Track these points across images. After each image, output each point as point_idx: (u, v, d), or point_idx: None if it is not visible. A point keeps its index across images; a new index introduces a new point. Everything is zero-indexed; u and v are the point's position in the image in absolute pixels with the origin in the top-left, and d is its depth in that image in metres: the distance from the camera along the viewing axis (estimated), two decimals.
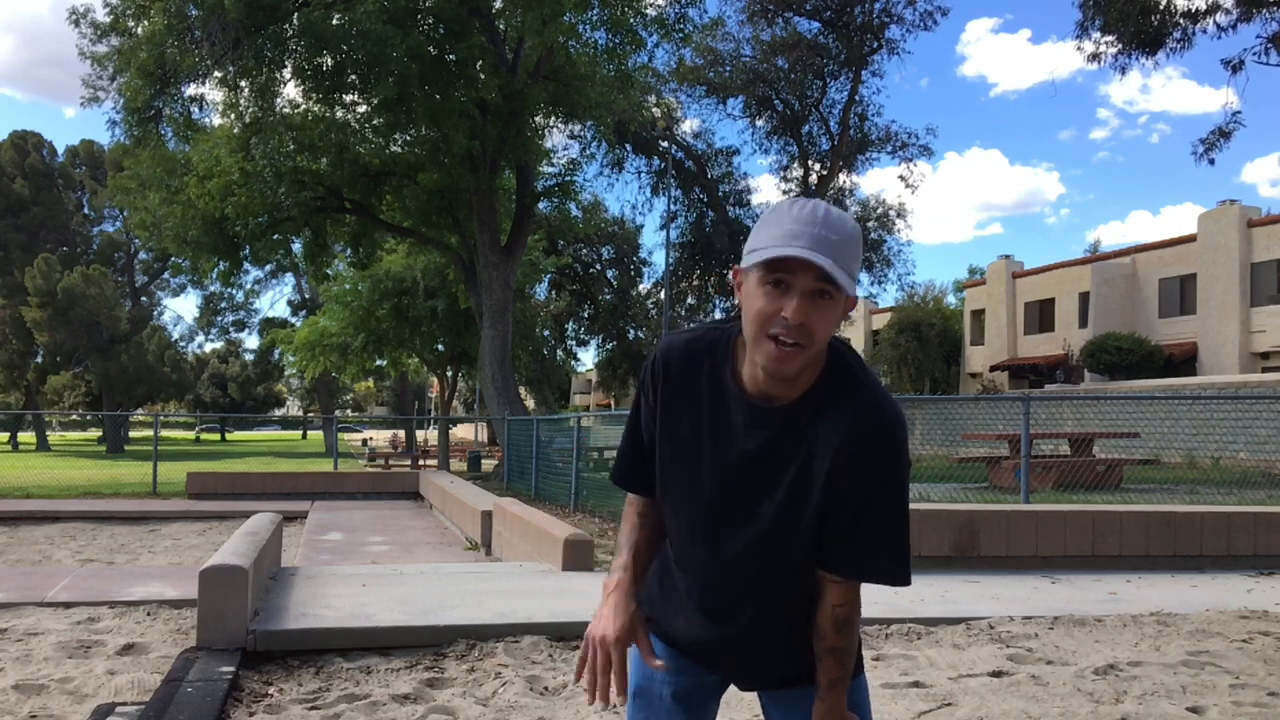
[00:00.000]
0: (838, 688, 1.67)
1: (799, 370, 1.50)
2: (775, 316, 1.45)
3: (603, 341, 43.79)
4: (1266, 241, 30.45)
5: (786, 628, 1.68)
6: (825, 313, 1.46)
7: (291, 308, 54.72)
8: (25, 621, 5.62)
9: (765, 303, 1.46)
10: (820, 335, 1.47)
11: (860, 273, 1.51)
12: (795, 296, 1.44)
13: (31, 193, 50.65)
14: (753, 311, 1.48)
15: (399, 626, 5.14)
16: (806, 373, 1.54)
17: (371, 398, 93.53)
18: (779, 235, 1.45)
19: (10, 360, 50.11)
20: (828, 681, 1.67)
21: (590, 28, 18.97)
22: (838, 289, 1.45)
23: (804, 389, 1.56)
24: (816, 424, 1.55)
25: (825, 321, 1.47)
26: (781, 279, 1.45)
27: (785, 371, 1.48)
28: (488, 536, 10.16)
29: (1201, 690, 4.24)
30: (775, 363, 1.47)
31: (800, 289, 1.44)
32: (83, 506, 14.26)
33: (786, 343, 1.45)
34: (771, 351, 1.47)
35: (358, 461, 30.87)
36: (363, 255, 24.16)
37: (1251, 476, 12.45)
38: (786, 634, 1.69)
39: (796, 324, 1.44)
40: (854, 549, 1.57)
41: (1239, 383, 22.56)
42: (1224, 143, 18.90)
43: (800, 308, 1.44)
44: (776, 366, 1.48)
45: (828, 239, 1.44)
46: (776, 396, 1.56)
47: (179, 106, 19.03)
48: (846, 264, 1.45)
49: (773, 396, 1.56)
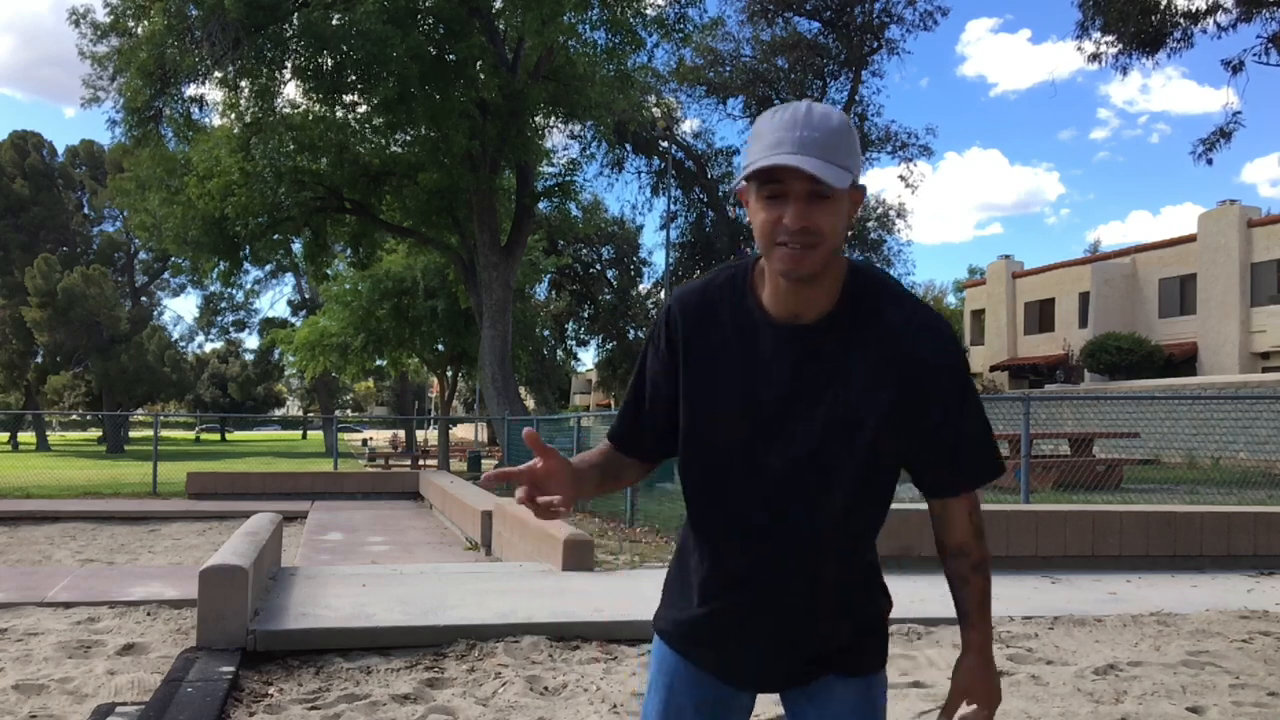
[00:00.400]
0: (987, 609, 1.63)
1: (816, 269, 1.48)
2: (778, 225, 1.45)
3: (603, 341, 43.79)
4: (1266, 241, 30.45)
5: (832, 568, 1.60)
6: (827, 211, 1.45)
7: (291, 308, 54.76)
8: (25, 621, 5.62)
9: (766, 214, 1.47)
10: (829, 232, 1.46)
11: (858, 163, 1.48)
12: (791, 203, 1.44)
13: (31, 193, 50.66)
14: (758, 225, 1.49)
15: (399, 626, 5.14)
16: (829, 284, 1.53)
17: (371, 398, 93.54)
18: (765, 146, 1.44)
19: (10, 360, 50.12)
20: (978, 603, 1.62)
21: (590, 28, 18.97)
22: (831, 186, 1.44)
23: (831, 304, 1.54)
24: (854, 338, 1.53)
25: (830, 219, 1.46)
26: (775, 190, 1.45)
27: (802, 271, 1.47)
28: (488, 536, 10.16)
29: (1201, 690, 4.24)
30: (790, 264, 1.46)
31: (795, 195, 1.44)
32: (83, 506, 14.27)
33: (794, 247, 1.45)
34: (784, 254, 1.46)
35: (358, 461, 30.87)
36: (363, 255, 24.17)
37: (1251, 476, 12.45)
38: (833, 576, 1.61)
39: (798, 229, 1.44)
40: (960, 457, 1.58)
41: (1239, 383, 22.56)
42: (1224, 143, 18.90)
43: (797, 212, 1.44)
44: (792, 268, 1.47)
45: (812, 139, 1.43)
46: (803, 314, 1.54)
47: (179, 107, 19.05)
48: (837, 159, 1.43)
49: (799, 314, 1.54)
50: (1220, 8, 18.06)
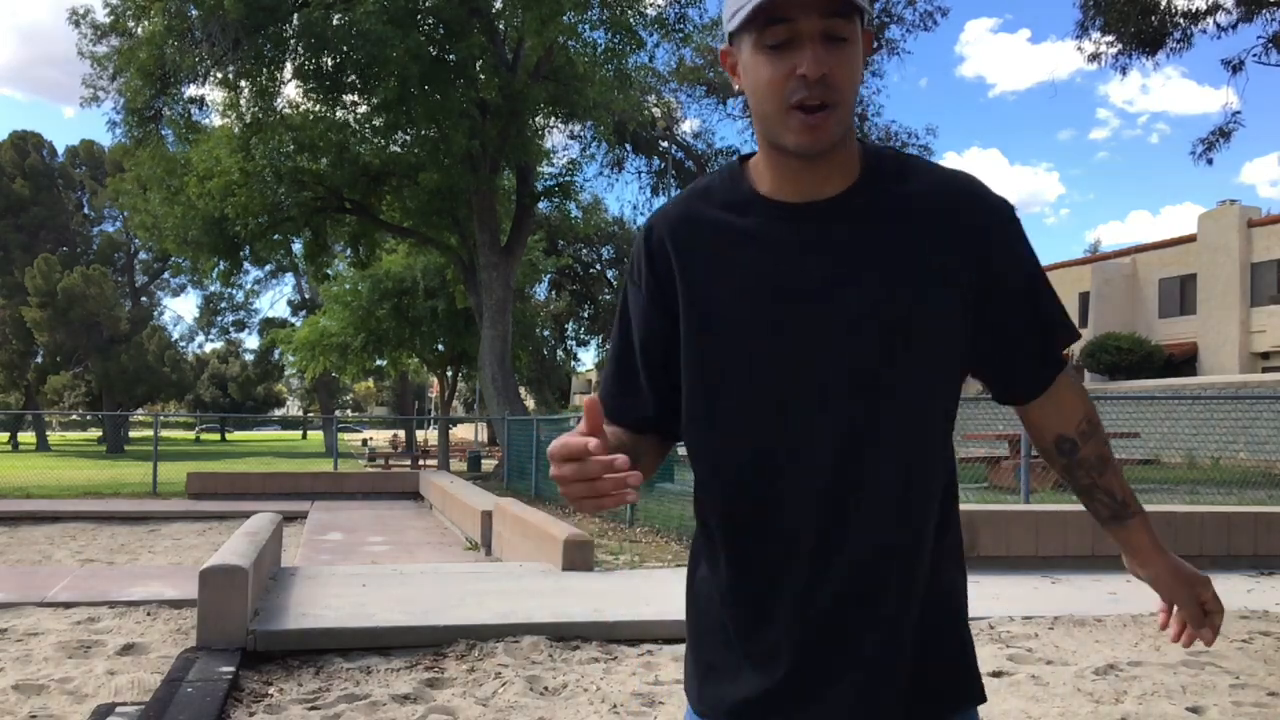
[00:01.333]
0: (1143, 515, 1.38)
1: (837, 139, 1.21)
2: (790, 78, 1.17)
3: (603, 341, 43.78)
4: (1266, 241, 30.45)
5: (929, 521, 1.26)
6: (845, 59, 1.17)
7: (291, 308, 54.77)
8: (25, 621, 5.62)
9: (772, 69, 1.18)
10: (848, 88, 1.18)
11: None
12: (805, 46, 1.16)
13: (31, 193, 50.65)
14: (761, 86, 1.19)
15: (399, 626, 5.14)
16: (845, 159, 1.25)
17: (371, 398, 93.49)
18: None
19: (10, 360, 50.11)
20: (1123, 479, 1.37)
21: (590, 28, 18.98)
22: (850, 19, 1.17)
23: (856, 172, 1.26)
24: (886, 209, 1.25)
25: (849, 69, 1.18)
26: (782, 36, 1.16)
27: (823, 142, 1.19)
28: (488, 536, 10.16)
29: (1201, 690, 4.24)
30: (809, 135, 1.18)
31: (808, 35, 1.15)
32: (83, 506, 14.26)
33: (813, 106, 1.17)
34: (800, 123, 1.18)
35: (358, 461, 30.85)
36: (363, 255, 24.18)
37: (1251, 476, 12.45)
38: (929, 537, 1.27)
39: (817, 77, 1.15)
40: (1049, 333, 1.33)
41: (1239, 383, 22.56)
42: (1224, 143, 18.91)
43: (815, 57, 1.15)
44: (812, 139, 1.18)
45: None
46: (828, 186, 1.25)
47: (179, 107, 19.06)
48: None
49: (813, 192, 1.25)
50: (1220, 8, 18.07)
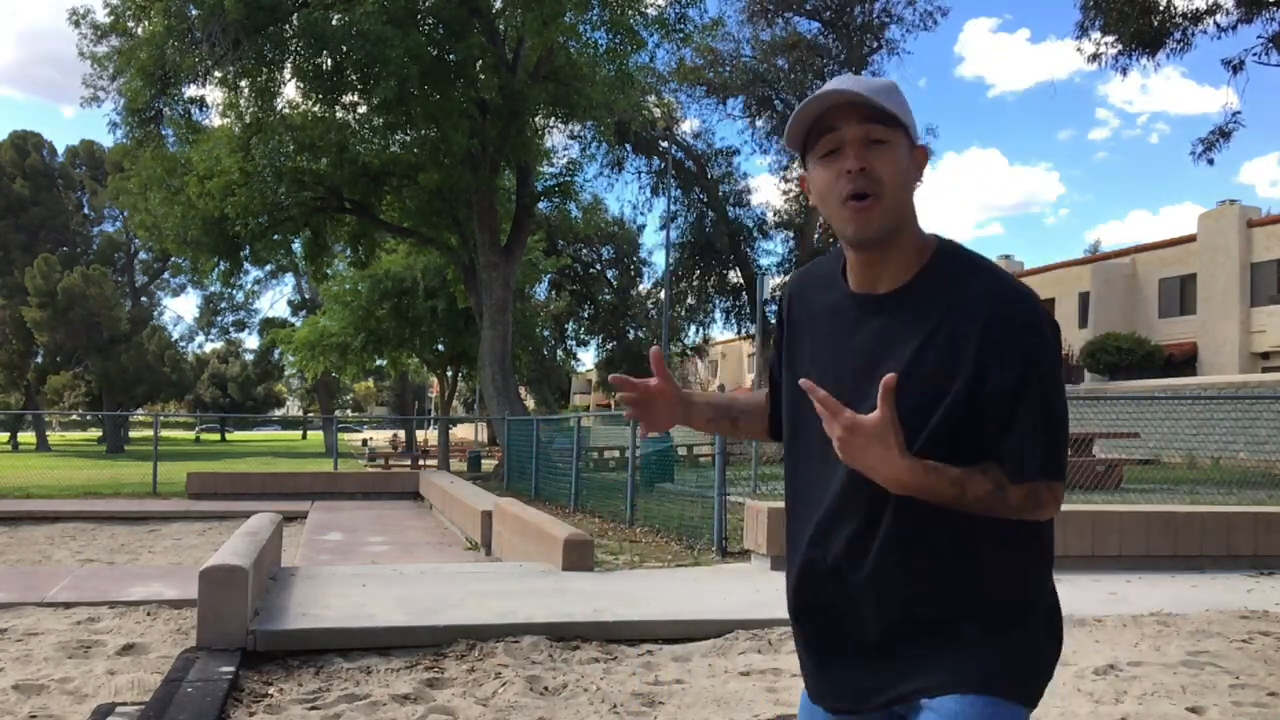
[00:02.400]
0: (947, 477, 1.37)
1: (881, 226, 1.41)
2: (839, 178, 1.41)
3: (603, 341, 43.76)
4: (1266, 241, 30.45)
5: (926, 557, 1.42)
6: (886, 157, 1.41)
7: (291, 308, 54.73)
8: (25, 621, 5.62)
9: (827, 174, 1.43)
10: (889, 181, 1.40)
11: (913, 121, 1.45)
12: (848, 150, 1.40)
13: (31, 193, 50.65)
14: (821, 189, 1.45)
15: (399, 626, 5.14)
16: (906, 253, 1.45)
17: (371, 398, 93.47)
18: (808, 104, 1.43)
19: (10, 360, 50.11)
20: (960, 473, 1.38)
21: (590, 28, 18.97)
22: (890, 127, 1.41)
23: (910, 275, 1.46)
24: (933, 305, 1.42)
25: (890, 166, 1.41)
26: (831, 145, 1.42)
27: (868, 229, 1.41)
28: (488, 536, 10.16)
29: (1201, 690, 4.24)
30: (855, 223, 1.41)
31: (851, 140, 1.40)
32: (83, 506, 14.26)
33: (857, 197, 1.40)
34: (850, 213, 1.41)
35: (358, 462, 30.86)
36: (363, 255, 24.17)
37: (1251, 476, 12.44)
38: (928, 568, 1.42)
39: (858, 170, 1.40)
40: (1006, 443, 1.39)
41: (1239, 383, 22.56)
42: (1224, 143, 18.90)
43: (857, 154, 1.40)
44: (860, 225, 1.41)
45: (858, 83, 1.41)
46: (879, 285, 1.48)
47: (179, 107, 19.05)
48: (888, 100, 1.40)
49: (875, 286, 1.48)
50: (1220, 8, 18.06)
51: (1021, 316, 1.39)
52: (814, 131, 1.44)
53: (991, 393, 1.38)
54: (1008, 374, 1.37)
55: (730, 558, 7.96)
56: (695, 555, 8.27)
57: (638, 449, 11.41)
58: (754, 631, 5.22)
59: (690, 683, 4.44)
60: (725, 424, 1.76)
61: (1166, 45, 18.66)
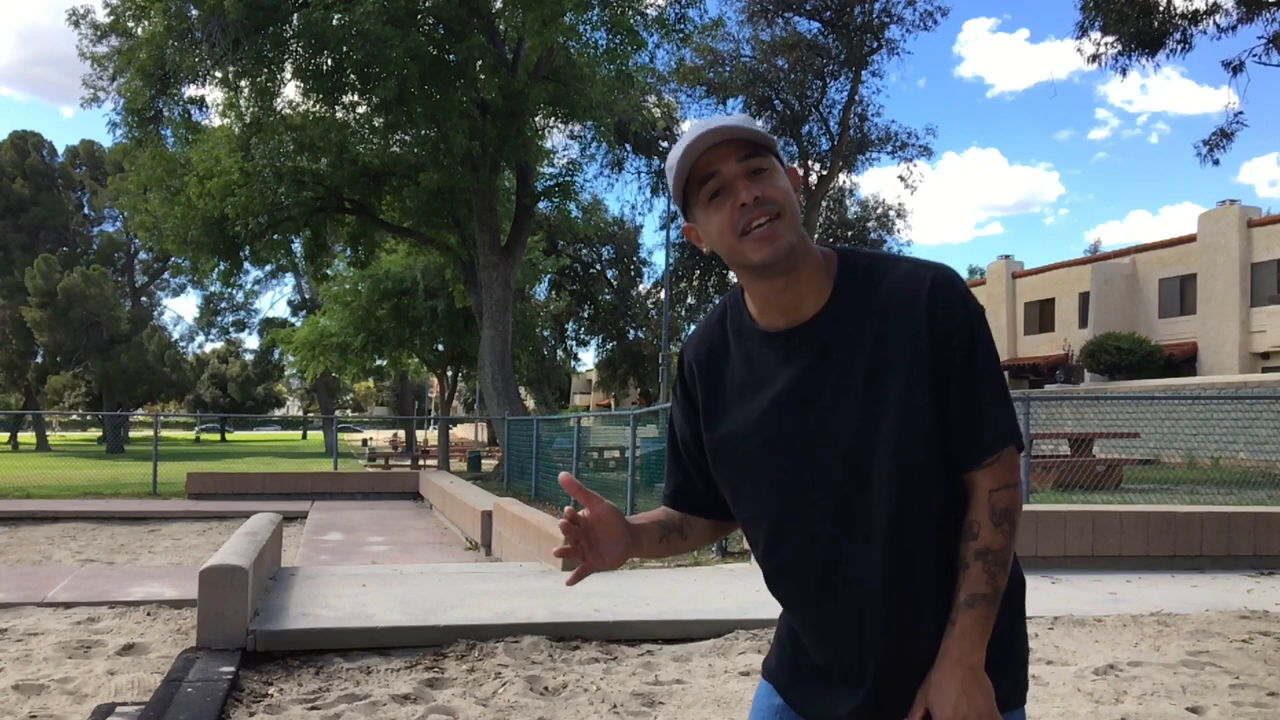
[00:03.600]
0: (978, 610, 1.38)
1: (791, 242, 1.39)
2: (734, 214, 1.39)
3: (603, 341, 43.79)
4: (1266, 241, 30.45)
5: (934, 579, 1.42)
6: (771, 180, 1.40)
7: (291, 308, 54.70)
8: (25, 621, 5.62)
9: (718, 215, 1.41)
10: (783, 199, 1.39)
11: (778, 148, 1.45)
12: (735, 185, 1.39)
13: (31, 193, 50.63)
14: (715, 231, 1.42)
15: (399, 626, 5.15)
16: (814, 277, 1.44)
17: (371, 398, 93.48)
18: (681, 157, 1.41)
19: (10, 360, 50.09)
20: (967, 597, 1.38)
21: (590, 28, 18.96)
22: (764, 153, 1.41)
23: (824, 299, 1.44)
24: (855, 319, 1.42)
25: (777, 187, 1.40)
26: (715, 188, 1.41)
27: (779, 248, 1.38)
28: (488, 536, 10.16)
29: (1201, 690, 4.24)
30: (765, 247, 1.39)
31: (734, 177, 1.40)
32: (83, 506, 14.27)
33: (759, 222, 1.38)
34: (754, 241, 1.39)
35: (358, 462, 30.85)
36: (363, 255, 24.17)
37: (1251, 476, 12.44)
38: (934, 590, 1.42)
39: (753, 198, 1.39)
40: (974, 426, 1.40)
41: (1239, 383, 22.56)
42: (1226, 144, 18.90)
43: (746, 188, 1.39)
44: (770, 248, 1.38)
45: (722, 124, 1.40)
46: (797, 316, 1.45)
47: (179, 107, 19.04)
48: (755, 130, 1.41)
49: (793, 317, 1.45)
50: (1220, 9, 18.06)
51: (946, 293, 1.40)
52: (693, 180, 1.42)
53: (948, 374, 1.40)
54: (956, 356, 1.40)
55: (730, 558, 7.96)
56: (695, 555, 8.27)
57: (638, 449, 11.40)
58: (754, 631, 5.22)
59: (690, 683, 4.44)
60: (676, 538, 1.62)
61: (1166, 46, 18.65)
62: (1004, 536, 1.40)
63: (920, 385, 1.39)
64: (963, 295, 1.42)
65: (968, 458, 1.41)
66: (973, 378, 1.40)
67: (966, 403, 1.40)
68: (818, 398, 1.43)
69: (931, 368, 1.39)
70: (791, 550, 1.48)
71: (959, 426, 1.41)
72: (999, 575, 1.40)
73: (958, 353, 1.40)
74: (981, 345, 1.41)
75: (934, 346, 1.39)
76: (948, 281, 1.41)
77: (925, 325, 1.39)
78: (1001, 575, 1.40)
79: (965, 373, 1.40)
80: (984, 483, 1.41)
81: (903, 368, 1.39)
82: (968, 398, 1.40)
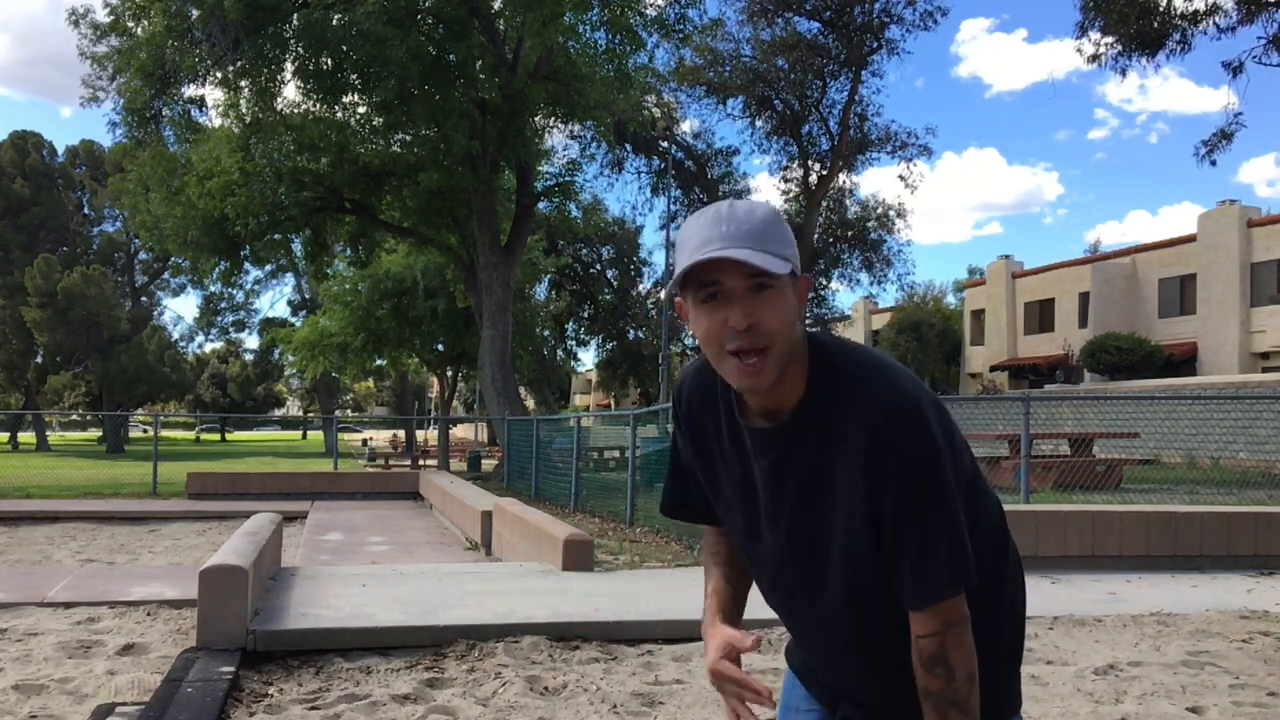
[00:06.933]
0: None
1: (774, 377, 1.37)
2: (724, 330, 1.34)
3: (603, 341, 43.78)
4: (1266, 241, 30.45)
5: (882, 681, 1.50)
6: (773, 305, 1.34)
7: (291, 308, 54.68)
8: (25, 621, 5.62)
9: (709, 320, 1.36)
10: (778, 332, 1.34)
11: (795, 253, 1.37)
12: (734, 301, 1.34)
13: (31, 193, 50.62)
14: (701, 335, 1.38)
15: (399, 626, 5.14)
16: (792, 377, 1.40)
17: (371, 398, 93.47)
18: (693, 248, 1.34)
19: (10, 360, 50.10)
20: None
21: (590, 28, 18.96)
22: (771, 275, 1.33)
23: (798, 397, 1.41)
24: (824, 429, 1.40)
25: (777, 314, 1.34)
26: (713, 290, 1.35)
27: (760, 385, 1.36)
28: (488, 536, 10.16)
29: (1201, 690, 4.24)
30: (746, 379, 1.36)
31: (735, 291, 1.33)
32: (83, 506, 14.26)
33: (746, 352, 1.34)
34: (736, 369, 1.36)
35: (358, 461, 30.85)
36: (363, 255, 24.17)
37: (1251, 476, 12.44)
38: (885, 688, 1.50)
39: (745, 327, 1.33)
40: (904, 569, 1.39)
41: (1239, 383, 22.56)
42: (1226, 144, 18.91)
43: (742, 310, 1.33)
44: (751, 383, 1.36)
45: (740, 231, 1.33)
46: (775, 412, 1.43)
47: (179, 107, 19.04)
48: (770, 247, 1.33)
49: (772, 413, 1.43)
50: (1219, 9, 18.06)
51: (893, 439, 1.35)
52: (692, 278, 1.36)
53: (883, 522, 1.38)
54: (889, 504, 1.36)
55: None
56: (695, 555, 8.27)
57: (638, 449, 11.40)
58: (754, 631, 5.22)
59: (690, 683, 4.44)
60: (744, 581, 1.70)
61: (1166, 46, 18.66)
62: (939, 681, 1.38)
63: (860, 521, 1.39)
64: (913, 440, 1.35)
65: (902, 600, 1.41)
66: (905, 530, 1.37)
67: (896, 553, 1.38)
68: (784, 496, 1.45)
69: (867, 511, 1.38)
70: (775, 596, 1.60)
71: (892, 571, 1.40)
72: (950, 713, 1.38)
73: (891, 502, 1.36)
74: (923, 494, 1.36)
75: (868, 492, 1.36)
76: (900, 422, 1.35)
77: (863, 467, 1.36)
78: (955, 712, 1.38)
79: (897, 524, 1.37)
80: (915, 627, 1.40)
81: (846, 499, 1.39)
82: (898, 551, 1.38)
